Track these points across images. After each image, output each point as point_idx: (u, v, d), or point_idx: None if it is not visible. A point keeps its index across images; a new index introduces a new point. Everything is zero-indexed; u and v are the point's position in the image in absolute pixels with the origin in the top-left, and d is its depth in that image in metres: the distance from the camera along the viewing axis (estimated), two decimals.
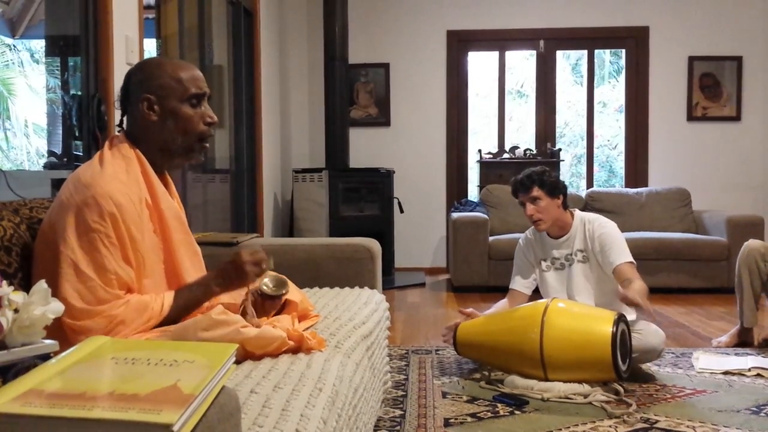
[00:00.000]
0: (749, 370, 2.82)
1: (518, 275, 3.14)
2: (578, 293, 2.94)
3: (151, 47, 3.49)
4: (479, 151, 6.18)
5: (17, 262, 1.49)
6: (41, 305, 0.96)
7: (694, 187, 5.75)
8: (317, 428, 1.15)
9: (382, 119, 6.25)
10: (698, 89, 6.09)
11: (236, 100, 4.84)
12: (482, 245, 5.00)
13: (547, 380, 2.52)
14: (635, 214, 5.48)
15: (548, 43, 6.27)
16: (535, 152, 6.15)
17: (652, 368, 2.87)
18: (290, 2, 6.22)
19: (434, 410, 2.38)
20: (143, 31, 3.01)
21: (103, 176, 1.46)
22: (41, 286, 0.98)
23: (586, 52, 6.47)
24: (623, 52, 6.39)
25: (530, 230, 3.15)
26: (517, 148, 6.17)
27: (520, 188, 3.03)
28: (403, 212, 5.65)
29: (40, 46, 5.47)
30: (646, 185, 6.10)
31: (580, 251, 2.97)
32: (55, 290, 1.35)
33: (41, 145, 6.25)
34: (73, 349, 0.93)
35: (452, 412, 2.36)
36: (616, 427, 2.20)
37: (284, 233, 5.90)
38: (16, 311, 0.94)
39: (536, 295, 3.08)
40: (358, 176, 5.59)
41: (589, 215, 3.04)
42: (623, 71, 6.52)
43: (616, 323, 2.48)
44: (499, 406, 2.41)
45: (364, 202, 5.56)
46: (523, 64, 8.77)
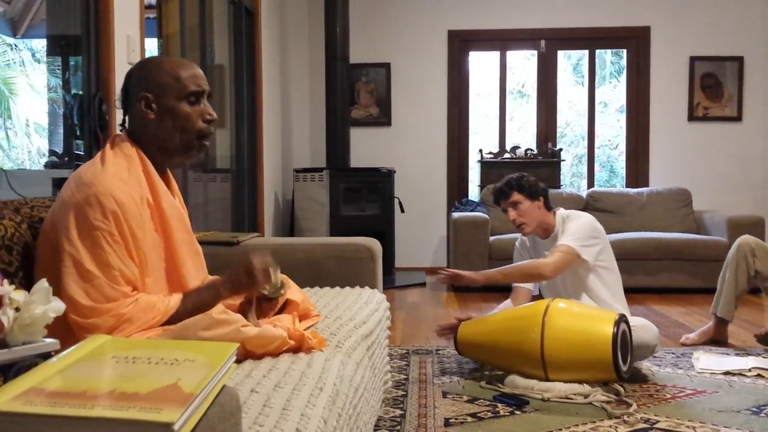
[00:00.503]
0: (750, 370, 2.82)
1: None
2: (573, 290, 2.94)
3: (152, 47, 3.49)
4: (480, 150, 6.18)
5: (18, 260, 1.49)
6: (42, 304, 0.96)
7: (694, 187, 5.74)
8: (318, 427, 1.15)
9: (382, 119, 6.25)
10: (699, 89, 6.08)
11: (237, 99, 4.84)
12: (483, 245, 5.00)
13: (547, 380, 2.52)
14: (636, 214, 5.48)
15: (549, 43, 6.26)
16: (536, 152, 6.15)
17: (652, 368, 2.87)
18: (291, 2, 6.22)
19: (434, 410, 2.38)
20: (144, 30, 3.01)
21: (104, 175, 1.46)
22: (42, 284, 0.98)
23: (587, 52, 6.47)
24: (624, 52, 6.38)
25: None
26: (518, 148, 6.17)
27: (500, 195, 3.09)
28: (403, 212, 5.65)
29: (41, 45, 5.47)
30: (646, 185, 6.09)
31: None
32: (59, 289, 1.35)
33: (42, 144, 6.25)
34: (73, 347, 0.94)
35: (452, 412, 2.36)
36: (616, 427, 2.20)
37: (285, 233, 5.90)
38: (17, 310, 0.94)
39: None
40: (358, 176, 5.59)
41: (569, 212, 3.05)
42: (624, 71, 6.52)
43: (616, 324, 2.48)
44: (499, 406, 2.41)
45: (364, 201, 5.56)
46: (524, 64, 8.78)
